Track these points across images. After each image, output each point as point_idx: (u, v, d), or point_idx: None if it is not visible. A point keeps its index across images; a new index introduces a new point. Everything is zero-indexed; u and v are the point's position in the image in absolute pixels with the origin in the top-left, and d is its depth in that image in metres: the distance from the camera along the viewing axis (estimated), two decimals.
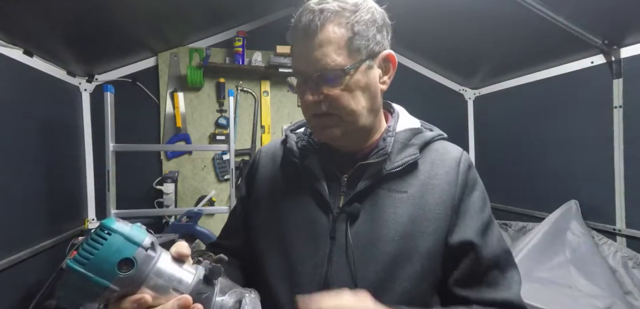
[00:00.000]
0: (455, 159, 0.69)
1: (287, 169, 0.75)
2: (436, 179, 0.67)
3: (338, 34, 0.61)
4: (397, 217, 0.64)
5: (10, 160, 1.45)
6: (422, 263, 0.63)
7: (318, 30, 0.60)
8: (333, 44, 0.60)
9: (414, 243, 0.63)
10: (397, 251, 0.62)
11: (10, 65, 1.46)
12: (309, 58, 0.61)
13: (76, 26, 1.65)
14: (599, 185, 1.82)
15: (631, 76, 1.68)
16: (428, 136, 0.71)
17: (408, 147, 0.68)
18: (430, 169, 0.68)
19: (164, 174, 2.24)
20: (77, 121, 2.06)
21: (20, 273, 1.47)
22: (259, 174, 0.78)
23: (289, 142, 0.75)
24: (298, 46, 0.64)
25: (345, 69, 0.61)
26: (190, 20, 2.12)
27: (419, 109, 0.78)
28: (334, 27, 0.61)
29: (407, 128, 0.71)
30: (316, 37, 0.60)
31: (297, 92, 0.67)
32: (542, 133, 2.15)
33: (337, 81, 0.61)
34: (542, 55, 2.04)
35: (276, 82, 2.49)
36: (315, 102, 0.63)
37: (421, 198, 0.65)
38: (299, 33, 0.62)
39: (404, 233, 0.63)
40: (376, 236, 0.63)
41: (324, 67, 0.60)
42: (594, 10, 1.56)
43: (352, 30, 0.61)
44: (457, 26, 2.03)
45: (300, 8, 0.63)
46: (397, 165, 0.66)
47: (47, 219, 1.70)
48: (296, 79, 0.66)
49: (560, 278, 1.66)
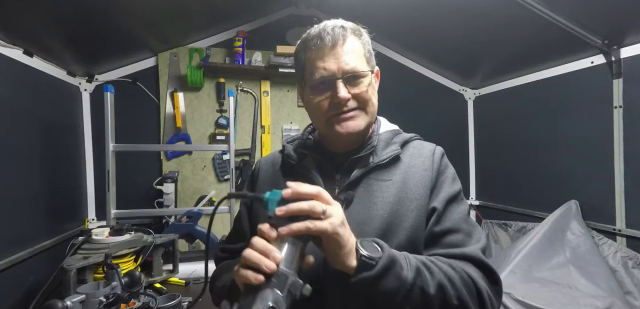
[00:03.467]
0: (430, 150, 0.82)
1: (286, 170, 0.85)
2: (415, 168, 0.79)
3: (358, 46, 0.77)
4: (384, 199, 0.75)
5: (10, 160, 1.45)
6: (407, 234, 0.73)
7: (345, 40, 0.75)
8: (357, 52, 0.76)
9: (399, 219, 0.74)
10: (386, 225, 0.73)
11: (10, 65, 1.46)
12: (339, 61, 0.74)
13: (76, 26, 1.65)
14: (599, 185, 1.82)
15: (631, 76, 1.68)
16: (406, 136, 0.85)
17: (391, 144, 0.81)
18: (410, 161, 0.80)
19: (164, 174, 2.24)
20: (77, 121, 2.06)
21: (20, 273, 1.48)
22: (260, 179, 0.89)
23: (286, 150, 0.86)
24: (326, 53, 0.75)
25: (367, 71, 0.76)
26: (190, 20, 2.12)
27: (419, 109, 0.81)
28: (355, 40, 0.77)
29: (389, 130, 0.85)
30: (345, 45, 0.75)
31: (315, 95, 0.76)
32: (543, 133, 2.15)
33: (362, 80, 0.76)
34: (542, 55, 2.04)
35: (276, 82, 2.49)
36: (345, 99, 0.74)
37: (404, 183, 0.77)
38: (327, 43, 0.74)
39: (391, 211, 0.74)
40: (368, 215, 0.74)
41: (353, 68, 0.74)
42: (594, 10, 1.56)
43: (364, 47, 0.78)
44: (457, 26, 2.03)
45: (316, 27, 0.77)
46: (383, 158, 0.79)
47: (47, 219, 1.70)
48: (317, 83, 0.76)
49: (560, 278, 1.66)
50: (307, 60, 0.78)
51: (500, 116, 2.51)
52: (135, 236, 1.49)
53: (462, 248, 0.71)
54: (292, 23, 2.47)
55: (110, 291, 1.14)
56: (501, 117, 2.51)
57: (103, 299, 1.11)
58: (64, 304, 1.03)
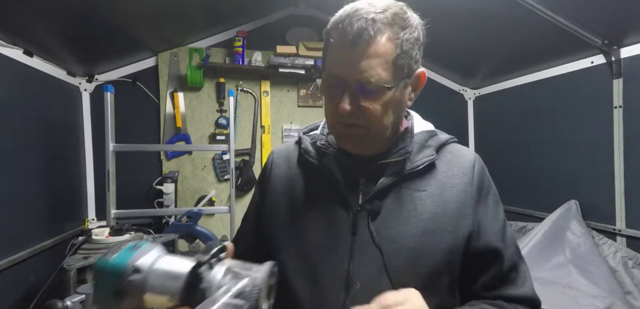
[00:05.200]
0: (470, 160, 0.71)
1: (304, 169, 0.75)
2: (454, 179, 0.69)
3: (387, 49, 0.59)
4: (418, 214, 0.65)
5: (10, 160, 1.45)
6: (444, 258, 0.64)
7: (370, 41, 0.58)
8: (381, 58, 0.59)
9: (435, 239, 0.64)
10: (419, 246, 0.64)
11: (10, 65, 1.46)
12: (353, 67, 0.59)
13: (76, 26, 1.65)
14: (599, 185, 1.82)
15: (631, 76, 1.68)
16: (443, 138, 0.73)
17: (425, 148, 0.70)
18: (447, 170, 0.70)
19: (164, 174, 2.24)
20: (77, 121, 2.06)
21: (20, 273, 1.47)
22: (273, 175, 0.77)
23: (303, 143, 0.75)
24: (342, 51, 0.61)
25: (388, 86, 0.60)
26: (190, 20, 2.12)
27: (419, 109, 0.79)
28: (385, 40, 0.59)
29: (424, 130, 0.73)
30: (367, 48, 0.58)
31: (325, 94, 0.66)
32: (542, 133, 2.15)
33: (377, 95, 0.60)
34: (542, 55, 2.04)
35: (276, 82, 2.49)
36: (348, 112, 0.61)
37: (440, 197, 0.67)
38: (347, 38, 0.59)
39: (425, 229, 0.64)
40: (398, 231, 0.64)
41: (367, 79, 0.59)
42: (594, 10, 1.56)
43: (400, 48, 0.60)
44: (457, 26, 2.03)
45: (349, 7, 0.61)
46: (417, 164, 0.67)
47: (47, 219, 1.70)
48: (327, 81, 0.64)
49: (560, 278, 1.66)
50: (327, 49, 0.65)
51: (500, 116, 2.51)
52: (135, 236, 1.49)
53: (523, 290, 0.68)
54: (292, 23, 2.47)
55: None
56: (501, 117, 2.51)
57: None
58: (64, 304, 1.03)
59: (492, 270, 0.68)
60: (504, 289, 0.68)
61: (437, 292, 0.65)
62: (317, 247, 0.67)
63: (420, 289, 0.62)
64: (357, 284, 0.63)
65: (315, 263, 0.66)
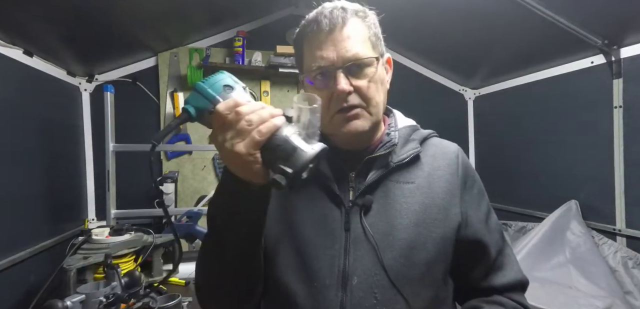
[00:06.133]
0: (454, 152, 0.75)
1: None
2: (440, 171, 0.72)
3: (362, 29, 0.66)
4: (409, 206, 0.67)
5: (10, 160, 1.45)
6: (436, 248, 0.66)
7: (345, 22, 0.64)
8: (360, 36, 0.65)
9: (427, 230, 0.66)
10: (412, 238, 0.65)
11: (10, 65, 1.46)
12: (338, 48, 0.63)
13: (76, 26, 1.65)
14: (599, 185, 1.82)
15: (631, 76, 1.68)
16: (425, 132, 0.77)
17: (410, 141, 0.73)
18: (432, 162, 0.72)
19: (164, 174, 2.24)
20: (77, 121, 2.05)
21: (20, 273, 1.47)
22: None
23: None
24: (323, 38, 0.65)
25: (374, 56, 0.66)
26: (190, 20, 2.12)
27: (419, 109, 0.80)
28: (358, 22, 0.66)
29: (406, 125, 0.76)
30: (344, 29, 0.64)
31: (315, 87, 0.67)
32: (542, 133, 2.15)
33: (366, 71, 0.65)
34: (542, 55, 2.04)
35: (276, 82, 2.49)
36: (345, 94, 0.64)
37: (429, 188, 0.69)
38: (324, 26, 0.64)
39: (417, 220, 0.66)
40: (391, 224, 0.66)
41: (356, 55, 0.64)
42: (594, 10, 1.56)
43: (369, 29, 0.67)
44: (457, 26, 2.03)
45: (314, 11, 0.67)
46: (404, 157, 0.70)
47: (47, 219, 1.70)
48: (316, 71, 0.66)
49: (560, 278, 1.66)
50: (304, 50, 0.69)
51: (500, 115, 2.51)
52: (135, 236, 1.49)
53: (513, 275, 0.71)
54: (292, 23, 2.47)
55: (110, 291, 1.14)
56: (501, 117, 2.51)
57: (103, 299, 1.11)
58: (64, 304, 1.03)
59: (481, 260, 0.71)
60: (495, 278, 0.71)
61: (434, 282, 0.67)
62: (311, 246, 0.67)
63: (416, 281, 0.64)
64: (353, 279, 0.64)
65: (311, 261, 0.66)
